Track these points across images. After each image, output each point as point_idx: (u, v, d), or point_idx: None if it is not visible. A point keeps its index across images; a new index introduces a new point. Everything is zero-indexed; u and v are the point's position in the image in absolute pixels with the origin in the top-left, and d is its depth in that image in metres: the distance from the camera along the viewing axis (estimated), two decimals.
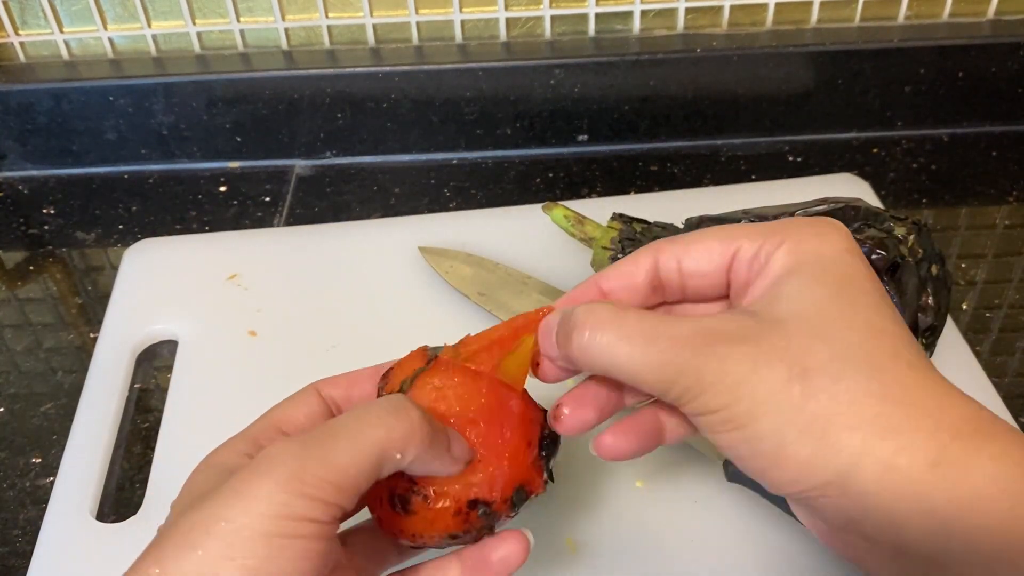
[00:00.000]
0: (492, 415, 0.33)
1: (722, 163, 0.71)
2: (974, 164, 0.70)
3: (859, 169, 0.69)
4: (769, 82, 0.69)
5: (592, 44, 0.70)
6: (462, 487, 0.32)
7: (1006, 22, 0.69)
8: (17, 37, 0.71)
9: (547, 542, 0.43)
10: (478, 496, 0.32)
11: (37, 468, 0.52)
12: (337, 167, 0.73)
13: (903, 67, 0.69)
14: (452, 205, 0.69)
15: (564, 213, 0.55)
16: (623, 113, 0.71)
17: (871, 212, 0.48)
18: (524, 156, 0.72)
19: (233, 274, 0.59)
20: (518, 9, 0.69)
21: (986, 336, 0.56)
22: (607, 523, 0.44)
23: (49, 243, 0.68)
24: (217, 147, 0.72)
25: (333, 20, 0.70)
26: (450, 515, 0.32)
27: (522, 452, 0.33)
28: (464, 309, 0.56)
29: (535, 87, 0.69)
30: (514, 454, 0.33)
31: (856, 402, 0.28)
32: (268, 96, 0.70)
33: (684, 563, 0.42)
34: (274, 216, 0.69)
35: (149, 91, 0.69)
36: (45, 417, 0.55)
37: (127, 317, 0.57)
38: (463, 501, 0.32)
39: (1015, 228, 0.64)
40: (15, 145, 0.72)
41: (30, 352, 0.59)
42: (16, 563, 0.47)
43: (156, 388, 0.55)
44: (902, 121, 0.72)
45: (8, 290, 0.64)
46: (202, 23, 0.70)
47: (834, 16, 0.70)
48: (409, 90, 0.69)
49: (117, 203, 0.71)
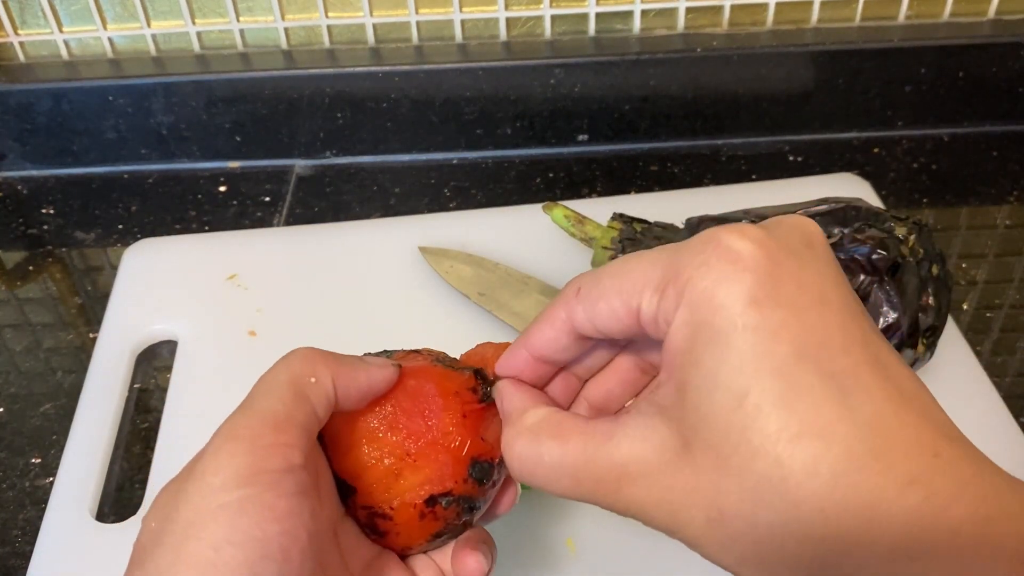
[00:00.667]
0: (407, 406, 0.33)
1: (722, 163, 0.71)
2: (975, 164, 0.69)
3: (860, 169, 0.69)
4: (769, 82, 0.69)
5: (592, 44, 0.70)
6: (413, 490, 0.32)
7: (1007, 22, 0.69)
8: (17, 37, 0.71)
9: (547, 542, 0.43)
10: (432, 491, 0.32)
11: (37, 468, 0.52)
12: (337, 167, 0.73)
13: (904, 67, 0.69)
14: (452, 205, 0.69)
15: (564, 213, 0.55)
16: (623, 113, 0.71)
17: (872, 212, 0.48)
18: (524, 156, 0.72)
19: (233, 274, 0.59)
20: (518, 9, 0.69)
21: (987, 336, 0.56)
22: (607, 523, 0.44)
23: (49, 243, 0.68)
24: (217, 147, 0.72)
25: (333, 20, 0.70)
26: (416, 520, 0.32)
27: (456, 428, 0.33)
28: (464, 309, 0.55)
29: (535, 87, 0.69)
30: (445, 434, 0.32)
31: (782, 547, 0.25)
32: (268, 96, 0.70)
33: (684, 563, 0.42)
34: (274, 216, 0.69)
35: (149, 91, 0.69)
36: (45, 417, 0.55)
37: (127, 317, 0.57)
38: (420, 502, 0.32)
39: (1016, 228, 0.64)
40: (15, 145, 0.72)
41: (30, 352, 0.59)
42: (16, 563, 0.47)
43: (156, 388, 0.55)
44: (903, 121, 0.72)
45: (8, 290, 0.64)
46: (202, 23, 0.70)
47: (834, 16, 0.70)
48: (409, 90, 0.69)
49: (117, 203, 0.71)
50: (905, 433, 0.25)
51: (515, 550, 0.43)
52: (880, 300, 0.45)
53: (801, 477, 0.24)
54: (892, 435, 0.24)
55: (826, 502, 0.24)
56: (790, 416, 0.25)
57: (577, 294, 0.30)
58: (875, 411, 0.25)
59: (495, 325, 0.54)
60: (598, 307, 0.30)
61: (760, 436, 0.25)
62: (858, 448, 0.24)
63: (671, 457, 0.27)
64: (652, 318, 0.28)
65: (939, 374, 0.50)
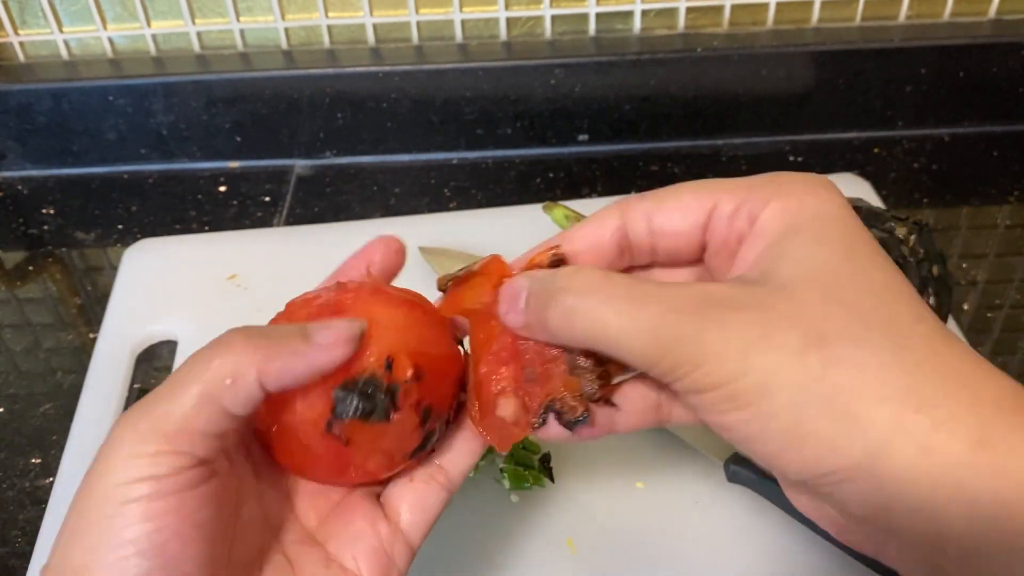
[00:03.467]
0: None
1: (723, 163, 0.71)
2: (975, 164, 0.69)
3: (860, 169, 0.69)
4: (770, 82, 0.69)
5: (593, 44, 0.70)
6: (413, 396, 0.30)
7: (1007, 22, 0.69)
8: (17, 37, 0.71)
9: (547, 542, 0.43)
10: (423, 402, 0.30)
11: (37, 468, 0.52)
12: (337, 167, 0.73)
13: (904, 67, 0.69)
14: (452, 205, 0.68)
15: (564, 213, 0.55)
16: (624, 113, 0.71)
17: (872, 212, 0.48)
18: (524, 156, 0.72)
19: (233, 274, 0.59)
20: (518, 9, 0.69)
21: (988, 336, 0.56)
22: (607, 523, 0.44)
23: (49, 243, 0.68)
24: (217, 147, 0.72)
25: (333, 20, 0.70)
26: (410, 429, 0.30)
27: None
28: None
29: (535, 87, 0.69)
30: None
31: (884, 371, 0.25)
32: (268, 96, 0.70)
33: (684, 563, 0.42)
34: (274, 216, 0.69)
35: (149, 91, 0.69)
36: (45, 417, 0.55)
37: (127, 317, 0.57)
38: (418, 411, 0.30)
39: (1016, 228, 0.64)
40: (15, 145, 0.72)
41: (30, 352, 0.59)
42: (16, 563, 0.47)
43: None
44: (903, 121, 0.72)
45: (8, 290, 0.64)
46: (202, 23, 0.70)
47: (835, 16, 0.70)
48: (409, 90, 0.69)
49: (117, 203, 0.71)
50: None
51: (515, 550, 0.43)
52: None
53: (911, 324, 0.26)
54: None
55: (938, 346, 0.26)
56: (894, 279, 0.27)
57: (641, 195, 0.30)
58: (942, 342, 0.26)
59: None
60: (665, 205, 0.30)
61: (868, 284, 0.26)
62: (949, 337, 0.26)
63: (773, 292, 0.27)
64: (730, 214, 0.29)
65: None
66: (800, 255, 0.27)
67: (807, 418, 0.25)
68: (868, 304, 0.26)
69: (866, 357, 0.25)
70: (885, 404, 0.24)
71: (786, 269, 0.27)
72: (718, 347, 0.26)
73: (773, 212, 0.28)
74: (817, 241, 0.27)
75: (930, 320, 0.26)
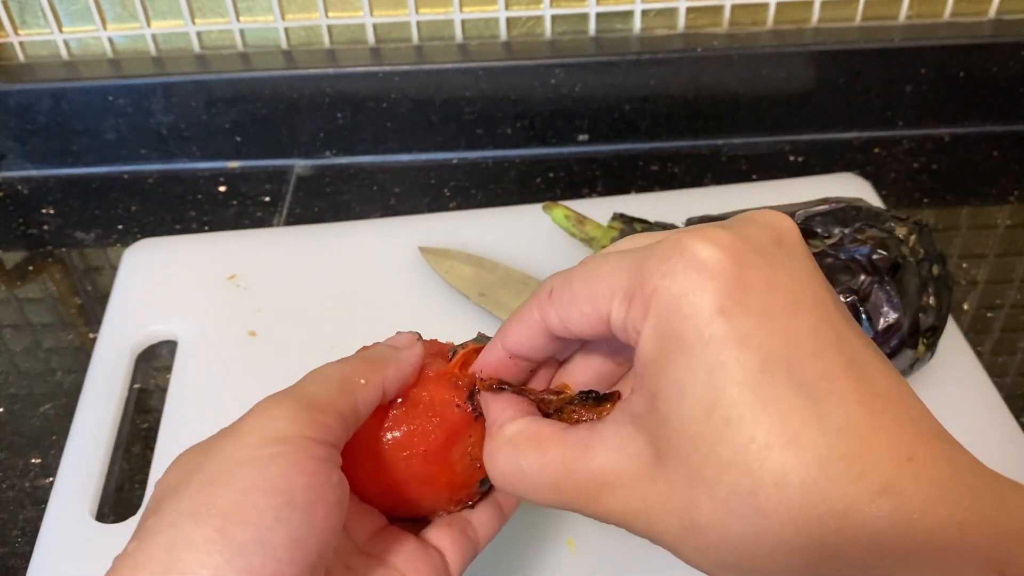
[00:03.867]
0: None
1: (723, 163, 0.71)
2: (975, 164, 0.69)
3: (860, 169, 0.69)
4: (770, 82, 0.69)
5: (593, 44, 0.70)
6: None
7: (1007, 22, 0.69)
8: (16, 37, 0.71)
9: (547, 542, 0.43)
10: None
11: (37, 468, 0.52)
12: (337, 167, 0.73)
13: (904, 67, 0.69)
14: (452, 205, 0.68)
15: (565, 213, 0.55)
16: (624, 113, 0.71)
17: (872, 212, 0.48)
18: (524, 156, 0.72)
19: (233, 274, 0.59)
20: (518, 8, 0.69)
21: (987, 336, 0.56)
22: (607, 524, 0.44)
23: (49, 243, 0.68)
24: (217, 147, 0.72)
25: (333, 19, 0.70)
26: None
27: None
28: (464, 309, 0.55)
29: (535, 87, 0.69)
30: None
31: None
32: (268, 96, 0.70)
33: (684, 563, 0.42)
34: (274, 216, 0.69)
35: (148, 91, 0.69)
36: (45, 417, 0.55)
37: (127, 317, 0.57)
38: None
39: (1016, 228, 0.64)
40: (15, 145, 0.72)
41: (30, 352, 0.59)
42: (16, 563, 0.47)
43: (156, 388, 0.55)
44: (903, 121, 0.72)
45: (8, 290, 0.64)
46: (202, 23, 0.70)
47: (835, 16, 0.70)
48: (409, 90, 0.69)
49: (116, 203, 0.71)
50: (878, 438, 0.24)
51: (515, 550, 0.43)
52: (880, 300, 0.45)
53: (771, 488, 0.24)
54: (864, 441, 0.24)
55: (796, 512, 0.24)
56: (758, 427, 0.24)
57: (550, 296, 0.30)
58: (847, 416, 0.24)
59: (495, 325, 0.54)
60: (570, 312, 0.29)
61: (729, 448, 0.25)
62: (828, 456, 0.24)
63: (646, 468, 0.27)
64: (622, 326, 0.28)
65: (940, 374, 0.50)
66: (671, 389, 0.26)
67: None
68: (724, 461, 0.25)
69: (733, 542, 0.25)
70: None
71: (660, 413, 0.26)
72: (614, 519, 0.29)
73: (649, 331, 0.27)
74: (677, 372, 0.26)
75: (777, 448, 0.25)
